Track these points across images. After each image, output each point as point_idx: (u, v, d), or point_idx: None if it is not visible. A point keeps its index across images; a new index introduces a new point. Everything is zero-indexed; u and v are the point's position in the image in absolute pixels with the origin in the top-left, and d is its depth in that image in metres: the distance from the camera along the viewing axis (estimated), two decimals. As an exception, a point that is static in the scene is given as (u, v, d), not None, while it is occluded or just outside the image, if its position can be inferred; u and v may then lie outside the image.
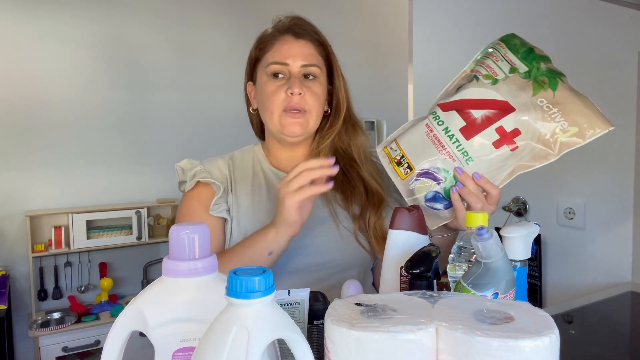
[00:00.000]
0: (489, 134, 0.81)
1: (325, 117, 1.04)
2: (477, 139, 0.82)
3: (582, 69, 1.55)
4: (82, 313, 2.56)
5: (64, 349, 2.44)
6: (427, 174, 0.85)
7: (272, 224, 0.88)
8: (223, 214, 0.97)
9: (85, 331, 2.49)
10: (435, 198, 0.85)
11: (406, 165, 0.88)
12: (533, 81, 0.81)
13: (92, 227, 2.68)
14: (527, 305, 0.51)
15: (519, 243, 0.75)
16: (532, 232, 0.76)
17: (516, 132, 0.80)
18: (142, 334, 0.51)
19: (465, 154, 0.82)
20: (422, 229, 0.77)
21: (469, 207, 0.83)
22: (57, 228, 2.60)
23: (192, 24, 3.03)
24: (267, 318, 0.44)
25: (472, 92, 0.84)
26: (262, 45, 1.00)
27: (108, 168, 2.83)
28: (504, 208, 1.78)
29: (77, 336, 2.47)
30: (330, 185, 0.84)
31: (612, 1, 1.32)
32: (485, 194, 0.83)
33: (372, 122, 3.49)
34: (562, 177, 1.62)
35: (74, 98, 2.74)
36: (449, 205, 0.86)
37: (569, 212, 1.60)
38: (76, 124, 2.75)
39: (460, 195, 0.83)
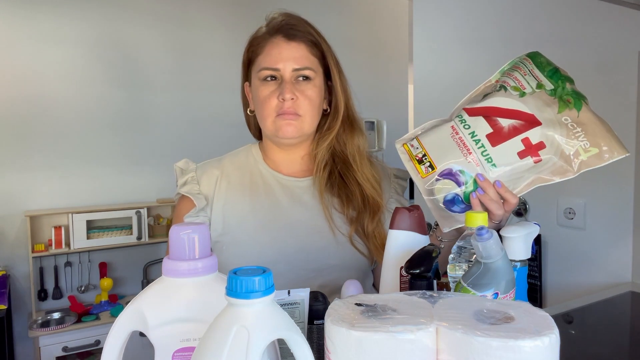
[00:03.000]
0: (515, 144, 0.83)
1: (325, 115, 1.02)
2: (503, 147, 0.83)
3: (582, 69, 1.55)
4: (82, 313, 2.56)
5: (64, 349, 2.44)
6: (449, 175, 0.85)
7: None
8: None
9: (85, 331, 2.49)
10: (454, 200, 0.85)
11: (428, 164, 0.87)
12: (559, 99, 0.84)
13: (92, 227, 2.68)
14: (527, 305, 0.51)
15: (519, 243, 0.75)
16: (532, 232, 0.76)
17: (541, 145, 0.82)
18: (142, 334, 0.51)
19: (490, 160, 0.83)
20: (422, 229, 0.77)
21: (489, 213, 0.83)
22: (57, 228, 2.60)
23: (191, 24, 3.03)
24: (267, 318, 0.44)
25: (499, 101, 0.86)
26: (254, 48, 0.98)
27: (108, 168, 2.83)
28: (504, 208, 1.78)
29: (77, 336, 2.47)
30: None
31: (612, 1, 1.32)
32: (503, 201, 0.83)
33: (372, 122, 3.49)
34: (562, 177, 1.62)
35: (74, 98, 2.74)
36: (466, 208, 0.86)
37: (569, 212, 1.60)
38: (76, 124, 2.75)
39: (479, 201, 0.83)
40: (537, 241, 1.67)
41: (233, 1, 3.14)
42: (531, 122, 0.83)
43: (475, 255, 0.63)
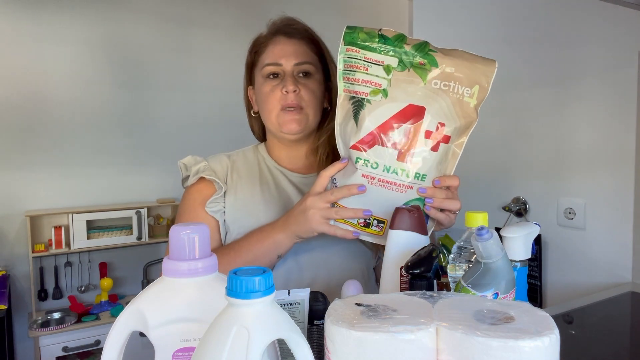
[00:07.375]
0: (423, 145, 0.80)
1: (326, 114, 1.05)
2: (417, 157, 0.81)
3: (583, 69, 1.55)
4: (82, 313, 2.56)
5: (64, 349, 2.44)
6: None
7: (284, 229, 0.88)
8: (216, 215, 0.98)
9: (85, 331, 2.48)
10: None
11: (375, 222, 0.84)
12: (413, 69, 0.79)
13: (92, 227, 2.67)
14: (527, 305, 0.51)
15: (519, 243, 0.75)
16: (532, 232, 0.76)
17: (441, 125, 0.80)
18: (142, 334, 0.51)
19: (417, 175, 0.82)
20: (422, 229, 0.77)
21: (450, 212, 0.84)
22: (57, 228, 2.60)
23: (192, 24, 3.03)
24: (267, 318, 0.44)
25: (376, 118, 0.80)
26: (257, 49, 1.04)
27: (108, 168, 2.83)
28: (504, 208, 1.78)
29: (77, 336, 2.47)
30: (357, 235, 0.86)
31: (612, 1, 1.32)
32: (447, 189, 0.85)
33: (372, 122, 3.49)
34: (562, 177, 1.62)
35: (74, 98, 2.74)
36: (427, 220, 0.86)
37: (569, 212, 1.60)
38: (77, 124, 2.75)
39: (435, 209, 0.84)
40: (537, 241, 1.67)
41: (236, 2, 3.14)
42: (417, 112, 0.79)
43: (475, 255, 0.63)
